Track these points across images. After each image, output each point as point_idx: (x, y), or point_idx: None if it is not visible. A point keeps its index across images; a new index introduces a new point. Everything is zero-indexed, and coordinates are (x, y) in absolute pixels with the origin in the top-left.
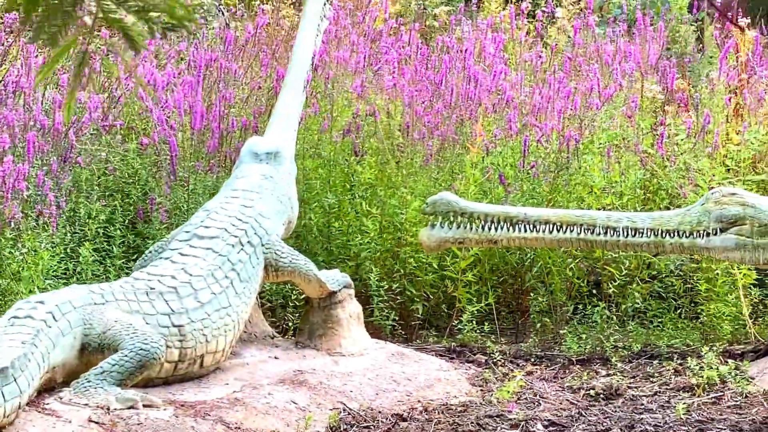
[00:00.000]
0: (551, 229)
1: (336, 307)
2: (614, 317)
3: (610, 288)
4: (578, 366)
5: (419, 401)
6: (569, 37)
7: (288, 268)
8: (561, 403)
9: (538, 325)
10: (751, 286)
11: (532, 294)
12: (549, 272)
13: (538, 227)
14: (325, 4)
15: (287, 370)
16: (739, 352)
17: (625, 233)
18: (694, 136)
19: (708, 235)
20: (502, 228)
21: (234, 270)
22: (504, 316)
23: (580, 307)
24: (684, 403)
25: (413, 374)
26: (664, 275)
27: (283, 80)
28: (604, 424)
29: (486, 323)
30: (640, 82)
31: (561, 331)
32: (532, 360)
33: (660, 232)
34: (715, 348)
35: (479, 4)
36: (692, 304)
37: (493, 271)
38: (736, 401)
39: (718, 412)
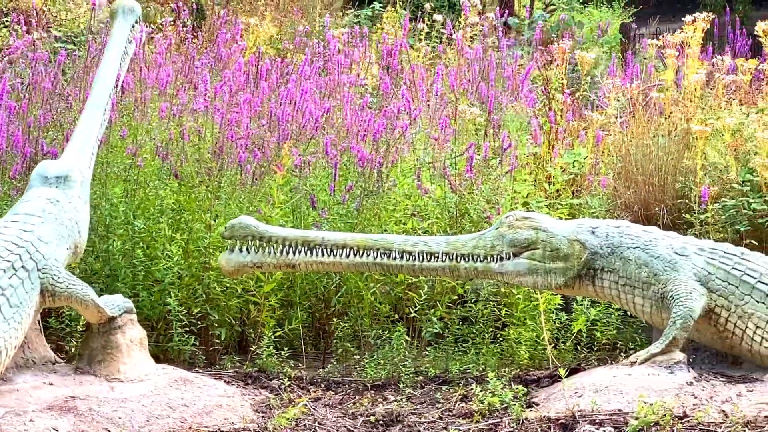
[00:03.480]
0: (348, 253)
1: (116, 333)
2: (415, 342)
3: (411, 313)
4: (372, 392)
5: (191, 428)
6: (467, 59)
7: (64, 293)
8: (338, 430)
9: (340, 350)
10: (556, 311)
11: (335, 319)
12: (360, 297)
13: (335, 251)
14: (133, 27)
15: (59, 397)
16: (536, 377)
17: (421, 257)
18: (497, 158)
19: (501, 259)
20: (300, 252)
21: (3, 295)
22: (311, 341)
23: (383, 332)
24: (460, 430)
25: (193, 400)
26: (473, 300)
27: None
28: None
29: (291, 348)
30: (454, 104)
31: (356, 356)
32: (325, 386)
33: (455, 256)
34: (504, 373)
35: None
36: (496, 329)
37: (304, 295)
38: (512, 428)
39: None
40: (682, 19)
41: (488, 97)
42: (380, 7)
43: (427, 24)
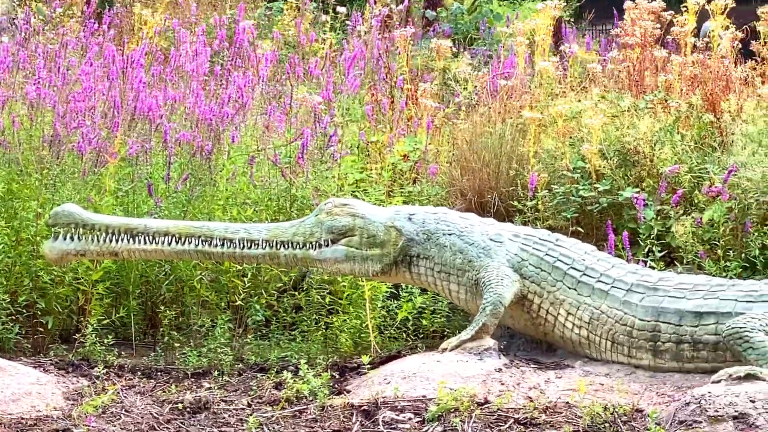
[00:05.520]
0: (170, 240)
1: None
2: (240, 330)
3: (237, 301)
4: (191, 380)
5: None
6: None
7: None
8: (143, 417)
9: (166, 338)
10: (384, 298)
11: (162, 307)
12: (190, 285)
13: (157, 239)
14: None
15: None
16: (357, 364)
17: (242, 245)
18: (326, 146)
19: (320, 246)
20: (122, 240)
21: None
22: (144, 329)
23: (211, 320)
24: (263, 417)
25: (1, 388)
26: (302, 287)
27: None
28: None
29: (117, 336)
30: (290, 91)
31: (180, 345)
32: (147, 374)
33: (275, 243)
34: (322, 361)
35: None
36: (325, 315)
37: (136, 283)
38: (316, 414)
39: (293, 426)
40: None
41: (326, 84)
42: None
43: (331, 16)
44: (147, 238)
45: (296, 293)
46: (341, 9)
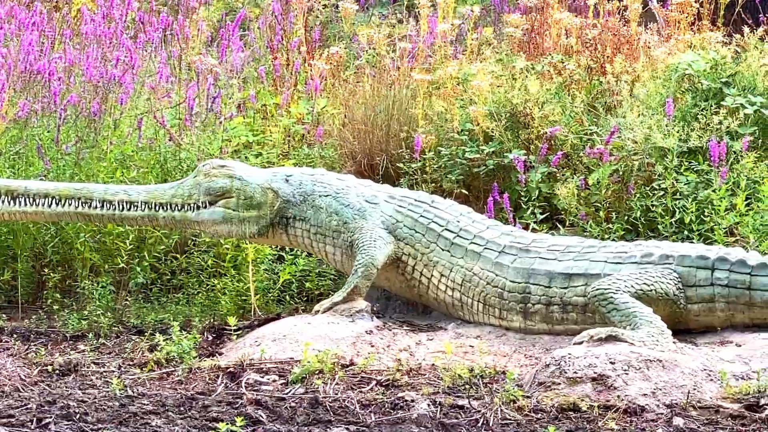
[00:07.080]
0: (50, 202)
1: None
2: (123, 293)
3: (120, 263)
4: (70, 342)
5: None
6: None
7: None
8: (10, 379)
9: (49, 300)
10: (270, 261)
11: (46, 270)
12: (78, 247)
13: (38, 201)
14: None
15: None
16: (236, 327)
17: (121, 206)
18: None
19: (198, 208)
20: (3, 201)
21: None
22: (32, 292)
23: (95, 282)
24: (129, 379)
25: None
26: (193, 251)
27: None
28: (32, 400)
29: (9, 299)
30: (187, 55)
31: (58, 308)
32: (25, 336)
33: (154, 205)
34: (198, 323)
35: None
36: (209, 278)
37: (24, 246)
38: (183, 376)
39: (158, 387)
40: None
41: (222, 49)
42: None
43: None
44: (27, 200)
45: (179, 256)
46: None
